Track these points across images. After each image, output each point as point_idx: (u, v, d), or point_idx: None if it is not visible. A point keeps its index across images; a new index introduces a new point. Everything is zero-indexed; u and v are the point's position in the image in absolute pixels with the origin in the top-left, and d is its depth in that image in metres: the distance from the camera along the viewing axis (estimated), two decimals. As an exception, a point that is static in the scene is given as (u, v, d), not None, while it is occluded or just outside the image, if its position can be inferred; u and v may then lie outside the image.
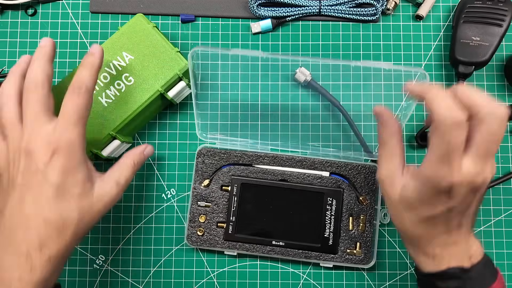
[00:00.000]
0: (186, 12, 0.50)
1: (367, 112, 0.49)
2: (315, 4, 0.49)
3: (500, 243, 0.48)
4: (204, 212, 0.47)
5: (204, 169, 0.47)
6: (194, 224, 0.46)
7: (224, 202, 0.47)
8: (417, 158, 0.49)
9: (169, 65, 0.45)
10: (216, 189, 0.47)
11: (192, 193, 0.47)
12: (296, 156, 0.47)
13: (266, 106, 0.49)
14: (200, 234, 0.46)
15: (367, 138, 0.49)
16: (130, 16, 0.50)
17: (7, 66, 0.50)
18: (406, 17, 0.50)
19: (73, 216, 0.36)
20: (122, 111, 0.44)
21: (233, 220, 0.46)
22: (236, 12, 0.50)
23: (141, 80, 0.45)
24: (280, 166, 0.47)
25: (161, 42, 0.45)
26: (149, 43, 0.45)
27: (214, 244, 0.46)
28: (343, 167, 0.47)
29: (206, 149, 0.47)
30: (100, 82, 0.45)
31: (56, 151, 0.35)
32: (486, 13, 0.46)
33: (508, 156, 0.49)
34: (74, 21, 0.51)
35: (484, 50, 0.46)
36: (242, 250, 0.46)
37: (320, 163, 0.47)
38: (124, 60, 0.45)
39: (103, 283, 0.48)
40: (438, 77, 0.50)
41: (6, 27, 0.51)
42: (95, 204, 0.38)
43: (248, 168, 0.47)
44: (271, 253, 0.46)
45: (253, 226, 0.46)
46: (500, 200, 0.48)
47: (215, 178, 0.47)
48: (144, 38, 0.45)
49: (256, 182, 0.47)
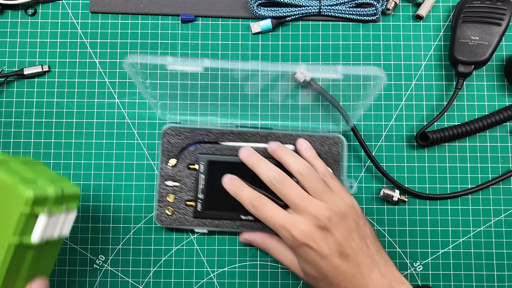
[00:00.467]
0: (186, 12, 0.51)
1: (367, 112, 0.49)
2: (315, 4, 0.49)
3: (500, 243, 0.48)
4: (172, 191, 0.47)
5: (170, 149, 0.47)
6: (162, 204, 0.47)
7: (192, 180, 0.47)
8: (417, 158, 0.49)
9: (9, 204, 0.33)
10: (183, 168, 0.47)
11: (160, 173, 0.47)
12: (261, 132, 0.48)
13: (226, 86, 0.49)
14: (169, 214, 0.47)
15: (366, 138, 0.49)
16: (130, 17, 0.51)
17: (7, 66, 0.50)
18: (406, 17, 0.51)
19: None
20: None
21: (201, 197, 0.46)
22: (236, 12, 0.50)
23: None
24: (246, 142, 0.47)
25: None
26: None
27: (184, 223, 0.47)
28: (310, 139, 0.47)
29: (171, 129, 0.48)
30: None
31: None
32: (484, 12, 0.46)
33: (508, 156, 0.49)
34: (74, 21, 0.51)
35: (484, 49, 0.46)
36: (212, 227, 0.46)
37: (285, 137, 0.47)
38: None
39: (103, 283, 0.48)
40: (438, 77, 0.50)
41: (6, 27, 0.51)
42: None
43: (214, 145, 0.47)
44: (241, 228, 0.46)
45: (222, 203, 0.46)
46: (500, 200, 0.48)
47: (182, 157, 0.47)
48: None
49: (223, 159, 0.47)
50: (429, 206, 0.48)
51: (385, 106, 0.49)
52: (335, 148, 0.47)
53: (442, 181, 0.48)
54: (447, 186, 0.48)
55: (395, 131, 0.49)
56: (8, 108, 0.50)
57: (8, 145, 0.49)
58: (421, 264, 0.48)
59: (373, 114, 0.49)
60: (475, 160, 0.49)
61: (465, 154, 0.49)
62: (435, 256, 0.48)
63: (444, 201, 0.48)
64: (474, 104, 0.49)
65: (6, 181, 0.33)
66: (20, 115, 0.50)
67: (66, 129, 0.49)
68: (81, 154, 0.49)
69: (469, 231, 0.48)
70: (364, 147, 0.47)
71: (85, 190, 0.49)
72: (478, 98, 0.49)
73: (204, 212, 0.46)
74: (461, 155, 0.49)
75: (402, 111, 0.49)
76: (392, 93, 0.49)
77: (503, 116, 0.47)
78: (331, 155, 0.47)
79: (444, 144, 0.49)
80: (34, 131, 0.49)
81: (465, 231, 0.48)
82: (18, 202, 0.32)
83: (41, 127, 0.49)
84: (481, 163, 0.49)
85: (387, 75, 0.49)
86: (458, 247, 0.48)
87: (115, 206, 0.48)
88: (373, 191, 0.48)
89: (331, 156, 0.47)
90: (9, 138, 0.49)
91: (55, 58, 0.50)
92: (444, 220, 0.48)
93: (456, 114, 0.49)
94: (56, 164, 0.49)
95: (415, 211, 0.48)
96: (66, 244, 0.48)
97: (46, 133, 0.49)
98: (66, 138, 0.49)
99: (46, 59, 0.50)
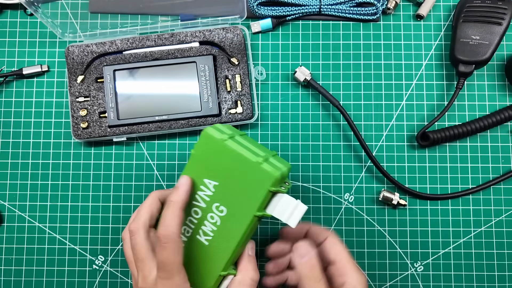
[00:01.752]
0: (186, 12, 0.50)
1: (367, 112, 0.49)
2: (316, 3, 0.49)
3: (501, 243, 0.47)
4: (84, 106, 0.48)
5: (76, 66, 0.48)
6: (77, 120, 0.47)
7: (102, 93, 0.48)
8: (418, 158, 0.48)
9: (257, 182, 0.36)
10: (92, 82, 0.48)
11: (70, 91, 0.48)
12: (164, 34, 0.48)
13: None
14: (85, 127, 0.47)
15: (366, 138, 0.49)
16: (129, 16, 0.50)
17: (6, 66, 0.50)
18: (407, 17, 0.50)
19: None
20: (224, 248, 0.37)
21: (113, 106, 0.47)
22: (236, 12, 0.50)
23: (233, 208, 0.37)
24: (150, 47, 0.48)
25: (240, 156, 0.36)
26: (228, 161, 0.37)
27: (101, 134, 0.47)
28: (211, 34, 0.48)
29: (73, 46, 0.48)
30: (193, 219, 0.38)
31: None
32: (485, 12, 0.46)
33: (508, 156, 0.48)
34: (73, 21, 0.50)
35: (484, 49, 0.46)
36: (129, 133, 0.47)
37: (188, 36, 0.48)
38: (209, 189, 0.37)
39: (103, 284, 0.47)
40: (438, 77, 0.50)
41: (5, 26, 0.50)
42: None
43: (119, 55, 0.48)
44: (158, 129, 0.47)
45: (135, 109, 0.47)
46: (501, 200, 0.48)
47: (89, 72, 0.48)
48: (221, 156, 0.37)
49: (128, 66, 0.48)
50: (430, 207, 0.48)
51: (385, 106, 0.49)
52: (238, 38, 0.48)
53: (443, 181, 0.48)
54: (447, 186, 0.48)
55: (396, 131, 0.49)
56: (7, 108, 0.49)
57: (7, 145, 0.49)
58: (422, 264, 0.47)
59: (373, 114, 0.49)
60: (476, 160, 0.48)
61: (466, 154, 0.49)
62: (436, 257, 0.47)
63: (445, 201, 0.48)
64: (475, 104, 0.49)
65: (250, 160, 0.36)
66: (19, 115, 0.49)
67: (65, 129, 0.49)
68: (80, 154, 0.49)
69: (470, 232, 0.48)
70: (365, 147, 0.47)
71: (85, 191, 0.49)
72: (479, 98, 0.49)
73: (118, 121, 0.47)
74: (462, 155, 0.49)
75: (403, 111, 0.49)
76: (393, 93, 0.49)
77: (504, 116, 0.47)
78: (235, 45, 0.48)
79: (445, 144, 0.49)
80: (33, 131, 0.49)
81: (466, 231, 0.48)
82: (264, 181, 0.35)
83: (40, 127, 0.49)
84: (482, 163, 0.48)
85: (388, 74, 0.49)
86: (459, 248, 0.47)
87: (114, 206, 0.48)
88: (374, 191, 0.48)
89: (235, 46, 0.48)
90: (8, 138, 0.49)
91: (54, 57, 0.50)
92: (445, 221, 0.48)
93: (457, 114, 0.49)
94: (55, 164, 0.49)
95: (416, 211, 0.48)
96: (65, 244, 0.48)
97: (45, 133, 0.49)
98: (65, 138, 0.49)
99: (45, 58, 0.50)
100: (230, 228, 0.37)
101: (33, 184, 0.49)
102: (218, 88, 0.48)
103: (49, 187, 0.49)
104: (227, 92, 0.48)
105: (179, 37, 0.48)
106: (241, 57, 0.48)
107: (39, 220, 0.48)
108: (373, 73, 0.49)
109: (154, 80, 0.47)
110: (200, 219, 0.38)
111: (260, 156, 0.36)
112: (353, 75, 0.49)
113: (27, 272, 0.48)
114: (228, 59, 0.48)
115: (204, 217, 0.38)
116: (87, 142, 0.49)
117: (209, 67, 0.48)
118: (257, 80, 0.49)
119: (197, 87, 0.47)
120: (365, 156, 0.48)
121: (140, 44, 0.48)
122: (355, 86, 0.49)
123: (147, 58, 0.48)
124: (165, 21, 0.49)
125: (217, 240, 0.38)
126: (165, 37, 0.48)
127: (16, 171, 0.49)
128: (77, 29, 0.49)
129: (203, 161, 0.37)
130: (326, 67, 0.49)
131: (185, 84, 0.48)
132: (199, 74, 0.47)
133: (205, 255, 0.38)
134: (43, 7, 0.46)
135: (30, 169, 0.49)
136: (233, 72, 0.48)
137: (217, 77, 0.48)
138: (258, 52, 0.50)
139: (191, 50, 0.48)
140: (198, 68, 0.47)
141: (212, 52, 0.48)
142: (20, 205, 0.49)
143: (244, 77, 0.48)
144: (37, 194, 0.49)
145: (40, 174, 0.49)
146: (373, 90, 0.49)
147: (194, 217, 0.38)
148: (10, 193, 0.49)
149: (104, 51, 0.48)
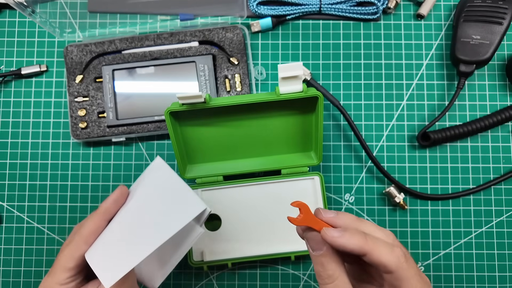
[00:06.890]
0: (185, 11, 0.50)
1: (367, 112, 0.49)
2: (316, 3, 0.49)
3: (502, 244, 0.47)
4: (83, 106, 0.47)
5: (75, 66, 0.48)
6: (75, 120, 0.47)
7: (101, 93, 0.47)
8: (419, 158, 0.48)
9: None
10: (91, 82, 0.48)
11: (68, 91, 0.47)
12: (163, 34, 0.48)
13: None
14: (83, 127, 0.47)
15: (367, 138, 0.48)
16: (128, 16, 0.50)
17: (4, 66, 0.49)
18: (407, 16, 0.50)
19: None
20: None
21: (112, 106, 0.47)
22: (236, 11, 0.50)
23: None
24: (149, 46, 0.48)
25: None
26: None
27: (99, 134, 0.47)
28: (210, 33, 0.48)
29: (72, 46, 0.48)
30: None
31: None
32: (486, 11, 0.46)
33: (509, 156, 0.48)
34: (72, 21, 0.50)
35: (485, 48, 0.46)
36: (128, 133, 0.47)
37: (188, 35, 0.48)
38: None
39: (101, 285, 0.47)
40: (439, 77, 0.49)
41: (3, 26, 0.50)
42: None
43: (118, 55, 0.48)
44: (158, 129, 0.47)
45: (134, 109, 0.47)
46: (502, 200, 0.48)
47: (87, 72, 0.48)
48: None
49: (127, 66, 0.47)
50: (430, 207, 0.48)
51: (386, 105, 0.49)
52: (237, 38, 0.48)
53: (444, 182, 0.48)
54: (448, 186, 0.48)
55: (396, 131, 0.49)
56: (5, 108, 0.49)
57: (6, 145, 0.49)
58: (423, 265, 0.47)
59: (374, 114, 0.49)
60: (477, 160, 0.48)
61: (467, 154, 0.48)
62: (437, 257, 0.47)
63: (446, 202, 0.48)
64: (476, 103, 0.49)
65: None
66: (17, 115, 0.49)
67: (64, 129, 0.49)
68: (79, 154, 0.49)
69: (471, 232, 0.47)
70: (365, 147, 0.47)
71: (83, 191, 0.48)
72: (480, 97, 0.49)
73: (117, 120, 0.47)
74: (463, 155, 0.48)
75: (403, 111, 0.49)
76: (393, 93, 0.49)
77: (504, 116, 0.47)
78: (235, 44, 0.48)
79: (446, 144, 0.48)
80: (32, 131, 0.49)
81: (467, 232, 0.47)
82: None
83: (39, 127, 0.49)
84: (482, 163, 0.48)
85: (389, 74, 0.49)
86: (460, 248, 0.47)
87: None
88: (374, 191, 0.48)
89: (235, 45, 0.48)
90: (7, 138, 0.49)
91: (53, 57, 0.50)
92: (445, 221, 0.48)
93: (458, 114, 0.49)
94: (54, 164, 0.48)
95: (417, 211, 0.48)
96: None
97: (44, 133, 0.49)
98: (64, 138, 0.49)
99: (44, 58, 0.50)
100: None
101: (31, 184, 0.48)
102: (217, 88, 0.48)
103: (48, 187, 0.48)
104: (226, 92, 0.48)
105: (179, 37, 0.48)
106: (240, 56, 0.48)
107: (37, 221, 0.48)
108: (373, 73, 0.49)
109: (154, 79, 0.47)
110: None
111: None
112: (354, 74, 0.49)
113: (25, 273, 0.48)
114: (228, 59, 0.48)
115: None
116: (85, 142, 0.49)
117: (209, 67, 0.47)
118: (257, 79, 0.49)
119: (196, 87, 0.47)
120: (366, 156, 0.48)
121: (139, 43, 0.48)
122: (356, 85, 0.49)
123: (146, 57, 0.48)
124: (164, 20, 0.49)
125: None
126: (165, 36, 0.48)
127: (14, 172, 0.49)
128: (76, 28, 0.49)
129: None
130: (326, 67, 0.49)
131: (185, 84, 0.47)
132: (198, 73, 0.47)
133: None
134: (42, 7, 0.45)
135: (29, 169, 0.49)
136: (232, 72, 0.48)
137: (216, 76, 0.48)
138: (258, 52, 0.50)
139: (190, 50, 0.48)
140: (197, 67, 0.47)
141: (211, 51, 0.48)
142: (18, 206, 0.48)
143: (244, 76, 0.48)
144: (35, 194, 0.48)
145: (39, 174, 0.49)
146: (373, 90, 0.49)
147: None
148: (8, 193, 0.48)
149: (103, 50, 0.48)
